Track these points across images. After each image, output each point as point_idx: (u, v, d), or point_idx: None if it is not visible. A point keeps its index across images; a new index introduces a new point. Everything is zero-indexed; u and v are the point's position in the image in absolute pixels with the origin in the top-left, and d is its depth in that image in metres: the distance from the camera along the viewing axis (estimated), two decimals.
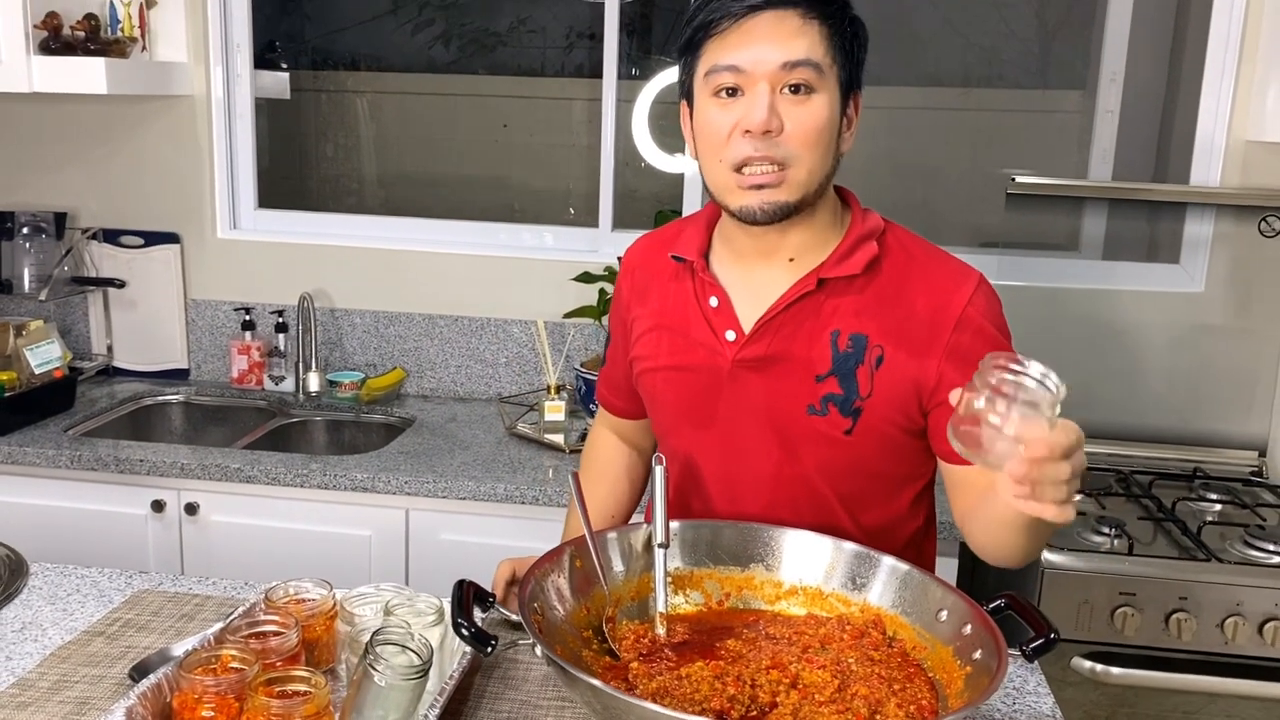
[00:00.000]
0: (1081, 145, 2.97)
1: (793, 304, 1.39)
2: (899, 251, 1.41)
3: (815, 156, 1.32)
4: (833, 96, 1.32)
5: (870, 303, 1.38)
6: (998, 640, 1.13)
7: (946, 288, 1.38)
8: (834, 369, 1.38)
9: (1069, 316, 2.62)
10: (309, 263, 2.88)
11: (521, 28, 3.89)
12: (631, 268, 1.59)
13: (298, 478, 2.30)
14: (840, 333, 1.38)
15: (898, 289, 1.39)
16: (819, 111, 1.31)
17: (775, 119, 1.29)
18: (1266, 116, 2.43)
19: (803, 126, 1.30)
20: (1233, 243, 2.57)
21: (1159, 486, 2.39)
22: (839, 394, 1.38)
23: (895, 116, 3.01)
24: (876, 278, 1.39)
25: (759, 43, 1.29)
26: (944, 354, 1.35)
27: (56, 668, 1.33)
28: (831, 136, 1.33)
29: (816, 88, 1.30)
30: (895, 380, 1.36)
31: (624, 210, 2.93)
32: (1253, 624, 1.99)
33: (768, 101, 1.29)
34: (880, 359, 1.37)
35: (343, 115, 3.98)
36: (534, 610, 1.19)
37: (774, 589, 1.36)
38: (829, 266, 1.39)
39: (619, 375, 1.63)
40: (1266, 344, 2.58)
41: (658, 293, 1.52)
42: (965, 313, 1.35)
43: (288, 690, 1.12)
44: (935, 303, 1.37)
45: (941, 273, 1.40)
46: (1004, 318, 1.41)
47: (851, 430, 1.38)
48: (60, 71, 2.47)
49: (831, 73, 1.31)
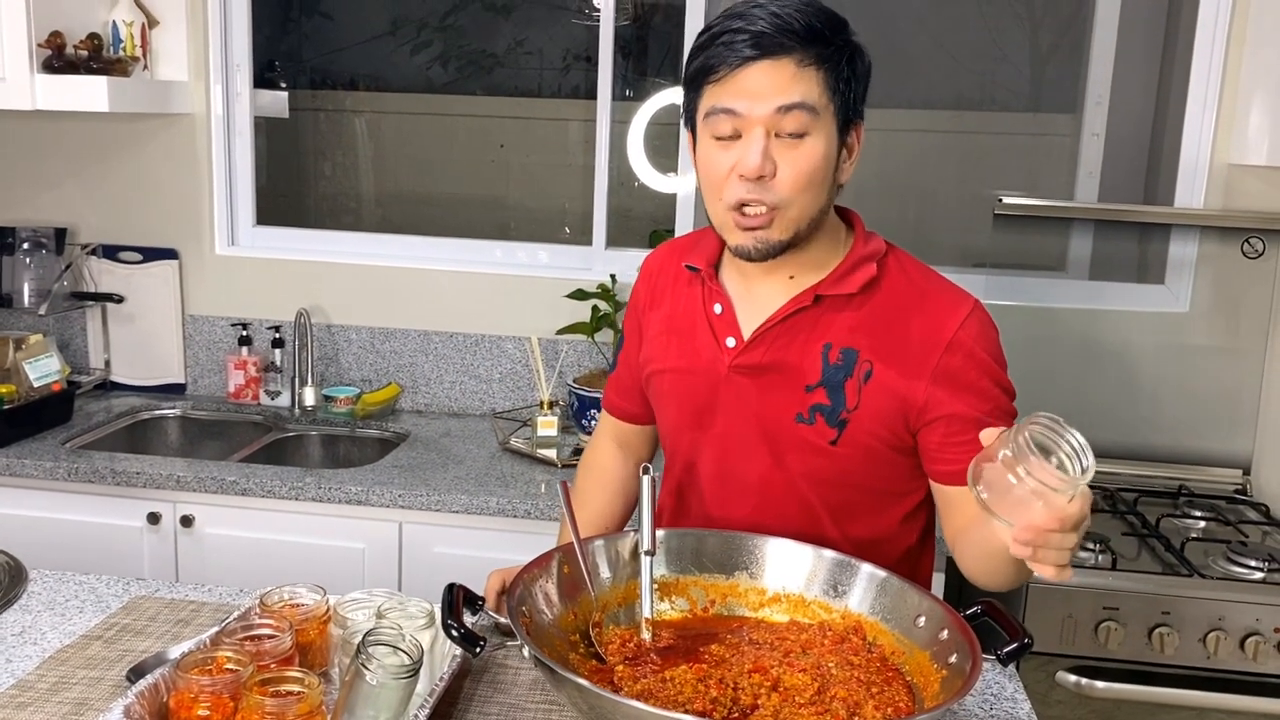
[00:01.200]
0: (1071, 168, 3.02)
1: (790, 316, 1.42)
2: (898, 274, 1.45)
3: (807, 198, 1.35)
4: (828, 135, 1.35)
5: (865, 320, 1.42)
6: (972, 644, 1.16)
7: (941, 311, 1.41)
8: (823, 380, 1.41)
9: (1056, 336, 2.65)
10: (306, 279, 2.91)
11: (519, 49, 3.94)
12: (650, 273, 1.64)
13: (293, 490, 2.32)
14: (832, 346, 1.41)
15: (893, 310, 1.42)
16: (812, 155, 1.33)
17: (769, 164, 1.32)
18: (1249, 140, 2.48)
19: (795, 170, 1.33)
20: (1216, 263, 2.61)
21: (1144, 503, 2.42)
22: (826, 405, 1.41)
23: (887, 139, 3.05)
24: (873, 297, 1.43)
25: (754, 90, 1.32)
26: (932, 376, 1.38)
27: (55, 670, 1.36)
28: (826, 175, 1.36)
29: (810, 130, 1.33)
30: (882, 396, 1.40)
31: (619, 230, 2.97)
32: (1234, 639, 2.02)
33: (761, 147, 1.32)
34: (869, 374, 1.40)
35: (341, 134, 4.02)
36: (522, 613, 1.22)
37: (758, 596, 1.39)
38: (828, 284, 1.42)
39: (628, 378, 1.67)
40: (1250, 363, 2.61)
41: (671, 298, 1.57)
42: (956, 336, 1.38)
43: (282, 690, 1.14)
44: (929, 325, 1.40)
45: (937, 297, 1.43)
46: (999, 346, 1.43)
47: (837, 441, 1.42)
48: (63, 89, 2.50)
49: (828, 113, 1.34)
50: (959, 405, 1.36)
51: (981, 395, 1.38)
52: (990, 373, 1.40)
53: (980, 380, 1.39)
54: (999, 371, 1.41)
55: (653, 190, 2.99)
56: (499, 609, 1.50)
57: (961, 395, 1.37)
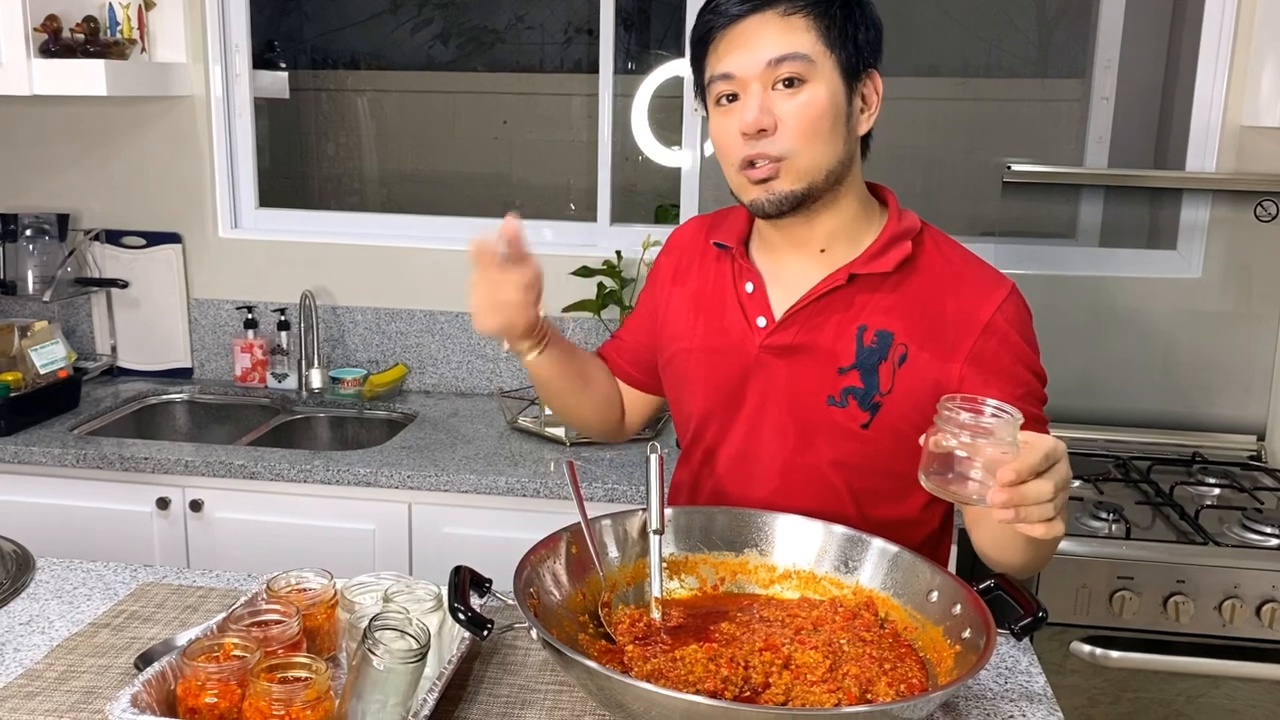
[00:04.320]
0: (1081, 133, 2.98)
1: (823, 296, 1.41)
2: (934, 254, 1.43)
3: (815, 146, 1.33)
4: (830, 83, 1.33)
5: (900, 302, 1.40)
6: (986, 619, 1.14)
7: (978, 293, 1.39)
8: (857, 363, 1.39)
9: (1067, 304, 2.62)
10: (310, 261, 2.90)
11: (520, 24, 3.91)
12: (676, 247, 1.62)
13: (301, 473, 2.32)
14: (867, 328, 1.39)
15: (929, 291, 1.40)
16: (812, 103, 1.32)
17: (767, 117, 1.31)
18: (1261, 101, 2.44)
19: (795, 119, 1.32)
20: (1229, 228, 2.57)
21: (1157, 471, 2.40)
22: (859, 388, 1.40)
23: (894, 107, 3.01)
24: (909, 278, 1.41)
25: (744, 47, 1.32)
26: (967, 358, 1.36)
27: (63, 659, 1.35)
28: (834, 123, 1.34)
29: (808, 78, 1.32)
30: (916, 380, 1.38)
31: (624, 205, 2.94)
32: (1250, 606, 2.00)
33: (758, 102, 1.31)
34: (904, 357, 1.38)
35: (343, 114, 4.00)
36: (530, 595, 1.21)
37: (768, 573, 1.38)
38: (861, 263, 1.40)
39: (639, 345, 1.65)
40: (1264, 328, 2.58)
41: (698, 275, 1.55)
42: (993, 319, 1.37)
43: (289, 677, 1.14)
44: (965, 307, 1.38)
45: (974, 278, 1.41)
46: (1032, 330, 1.42)
47: (869, 425, 1.40)
48: (60, 74, 2.48)
49: (826, 60, 1.32)
50: (991, 389, 1.33)
51: (1014, 380, 1.36)
52: (1024, 358, 1.38)
53: (1014, 365, 1.37)
54: (1033, 357, 1.40)
55: (658, 165, 2.96)
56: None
57: (995, 379, 1.35)
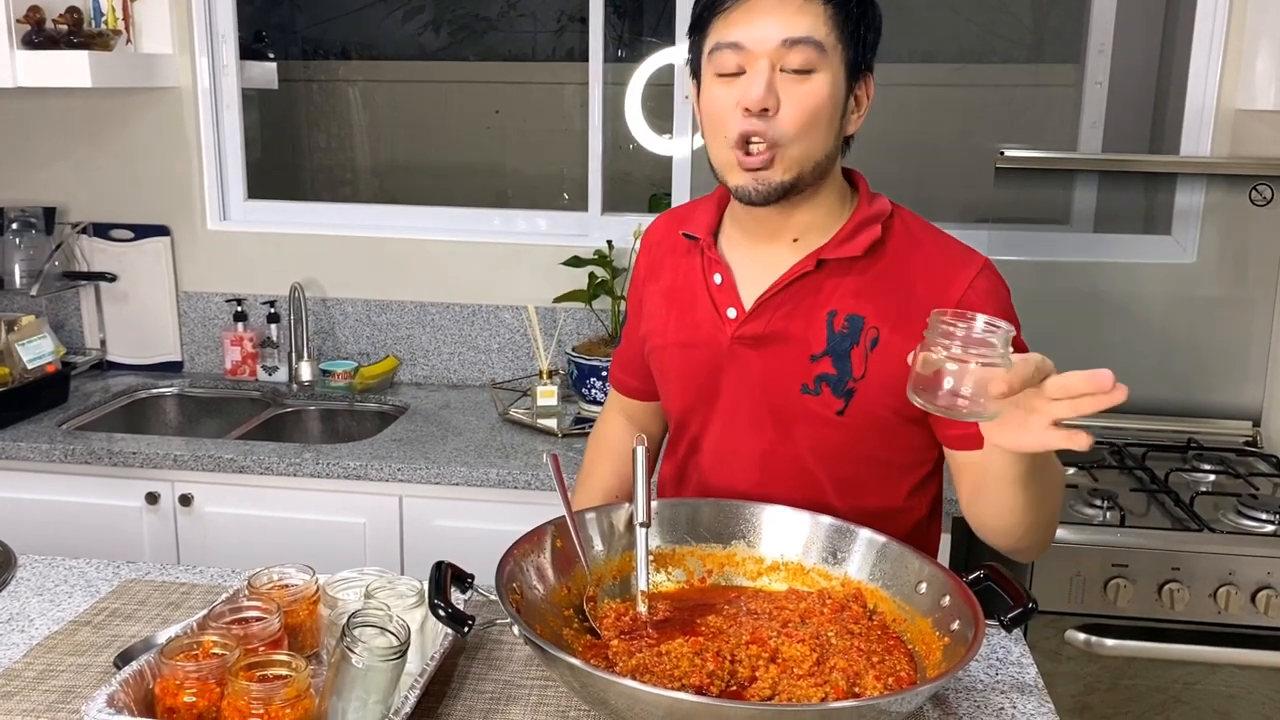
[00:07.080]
0: (1074, 118, 2.96)
1: (792, 283, 1.39)
2: (903, 235, 1.41)
3: (812, 137, 1.31)
4: (835, 77, 1.31)
5: (870, 285, 1.38)
6: (975, 610, 1.13)
7: (948, 271, 1.37)
8: (829, 349, 1.38)
9: (1061, 290, 2.61)
10: (299, 253, 2.88)
11: (511, 12, 3.88)
12: (649, 245, 1.60)
13: (291, 467, 2.30)
14: (837, 313, 1.38)
15: (899, 272, 1.38)
16: (817, 92, 1.30)
17: (772, 97, 1.29)
18: (1256, 85, 2.42)
19: (799, 107, 1.29)
20: (1224, 212, 2.55)
21: (1152, 458, 2.39)
22: (832, 374, 1.38)
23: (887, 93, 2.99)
24: (879, 260, 1.39)
25: (761, 19, 1.29)
26: None
27: (43, 657, 1.34)
28: (832, 117, 1.32)
29: (817, 67, 1.29)
30: (890, 363, 1.35)
31: (617, 194, 2.92)
32: (1245, 593, 1.99)
33: (766, 79, 1.28)
34: (875, 341, 1.36)
35: (334, 104, 3.98)
36: (512, 590, 1.19)
37: (755, 565, 1.36)
38: (830, 248, 1.38)
39: (632, 353, 1.63)
40: (1259, 313, 2.57)
41: (670, 269, 1.53)
42: (965, 296, 1.34)
43: (268, 675, 1.12)
44: (936, 286, 1.36)
45: (944, 257, 1.39)
46: (1010, 306, 1.39)
47: (844, 411, 1.38)
48: (44, 66, 2.46)
49: (835, 53, 1.31)
50: None
51: None
52: None
53: None
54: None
55: (651, 154, 2.94)
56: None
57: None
